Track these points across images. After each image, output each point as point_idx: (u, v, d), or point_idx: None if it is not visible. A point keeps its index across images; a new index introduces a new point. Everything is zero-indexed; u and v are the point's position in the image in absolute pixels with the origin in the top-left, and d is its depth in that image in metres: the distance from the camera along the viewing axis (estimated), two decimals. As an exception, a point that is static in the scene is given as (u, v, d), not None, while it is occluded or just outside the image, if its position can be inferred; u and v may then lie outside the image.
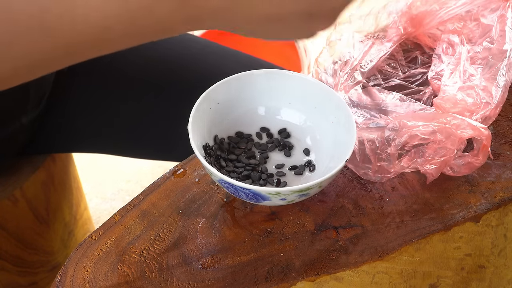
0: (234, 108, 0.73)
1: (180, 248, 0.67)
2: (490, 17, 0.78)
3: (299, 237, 0.67)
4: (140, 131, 0.99)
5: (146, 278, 0.65)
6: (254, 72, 0.72)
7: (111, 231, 0.68)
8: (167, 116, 0.97)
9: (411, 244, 0.66)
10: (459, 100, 0.71)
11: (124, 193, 1.65)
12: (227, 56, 1.01)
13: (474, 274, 0.73)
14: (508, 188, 0.69)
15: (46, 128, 0.99)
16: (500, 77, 0.72)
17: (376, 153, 0.68)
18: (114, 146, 1.03)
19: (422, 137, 0.67)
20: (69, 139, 1.02)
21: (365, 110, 0.73)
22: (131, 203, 0.71)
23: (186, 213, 0.69)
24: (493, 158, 0.72)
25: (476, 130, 0.67)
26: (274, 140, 0.73)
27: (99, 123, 0.99)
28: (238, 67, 0.94)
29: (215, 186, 0.71)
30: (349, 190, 0.70)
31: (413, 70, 0.80)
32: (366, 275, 0.66)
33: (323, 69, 0.77)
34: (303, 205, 0.69)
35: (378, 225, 0.67)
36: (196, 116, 0.68)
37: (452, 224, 0.67)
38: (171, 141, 0.98)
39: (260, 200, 0.65)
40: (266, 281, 0.64)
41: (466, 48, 0.76)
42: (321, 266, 0.65)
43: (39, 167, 1.02)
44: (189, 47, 1.00)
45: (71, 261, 0.66)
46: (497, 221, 0.69)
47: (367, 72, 0.76)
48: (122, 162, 1.67)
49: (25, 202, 1.01)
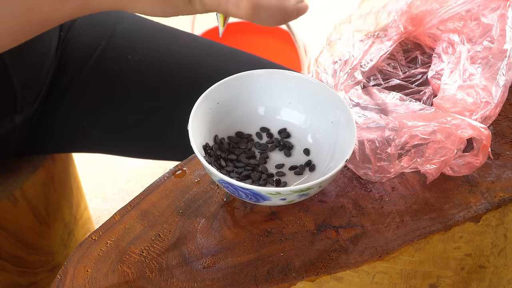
0: (234, 108, 0.73)
1: (180, 248, 0.67)
2: (491, 16, 0.78)
3: (299, 237, 0.67)
4: (140, 131, 0.99)
5: (146, 278, 0.65)
6: (254, 72, 0.72)
7: (111, 231, 0.68)
8: (167, 116, 0.97)
9: (411, 244, 0.66)
10: (459, 100, 0.71)
11: (124, 193, 1.65)
12: (228, 55, 1.00)
13: (474, 274, 0.73)
14: (508, 188, 0.69)
15: (45, 128, 0.99)
16: (500, 77, 0.72)
17: (376, 153, 0.68)
18: (114, 146, 1.03)
19: (422, 137, 0.67)
20: (69, 139, 1.02)
21: (365, 110, 0.73)
22: (131, 203, 0.71)
23: (186, 213, 0.69)
24: (493, 158, 0.72)
25: (476, 130, 0.67)
26: (274, 140, 0.73)
27: (99, 123, 0.99)
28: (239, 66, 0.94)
29: (215, 186, 0.71)
30: (349, 190, 0.70)
31: (413, 70, 0.80)
32: (366, 275, 0.66)
33: (323, 69, 0.77)
34: (303, 205, 0.69)
35: (378, 225, 0.67)
36: (196, 116, 0.68)
37: (452, 224, 0.67)
38: (171, 141, 0.98)
39: (260, 200, 0.65)
40: (266, 281, 0.64)
41: (466, 48, 0.76)
42: (321, 266, 0.65)
43: (39, 167, 1.02)
44: (190, 47, 1.00)
45: (71, 261, 0.66)
46: (497, 221, 0.69)
47: (367, 72, 0.76)
48: (122, 162, 1.67)
49: (25, 202, 1.01)
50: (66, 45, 0.98)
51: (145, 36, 1.00)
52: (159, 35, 1.01)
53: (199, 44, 1.01)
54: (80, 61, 0.98)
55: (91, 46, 0.98)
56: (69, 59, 0.98)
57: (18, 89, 0.89)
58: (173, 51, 0.98)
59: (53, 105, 0.98)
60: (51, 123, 0.99)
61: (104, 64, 0.97)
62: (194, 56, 0.98)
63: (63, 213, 1.12)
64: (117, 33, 0.99)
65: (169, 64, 0.98)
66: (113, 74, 0.97)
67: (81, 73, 0.98)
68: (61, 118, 0.99)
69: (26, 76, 0.90)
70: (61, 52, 0.98)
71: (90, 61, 0.98)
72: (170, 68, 0.97)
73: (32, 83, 0.93)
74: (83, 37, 0.99)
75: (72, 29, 0.99)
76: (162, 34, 1.01)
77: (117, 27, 0.99)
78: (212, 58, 0.99)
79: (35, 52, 0.91)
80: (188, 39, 1.02)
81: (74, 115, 0.99)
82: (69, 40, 0.98)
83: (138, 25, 1.01)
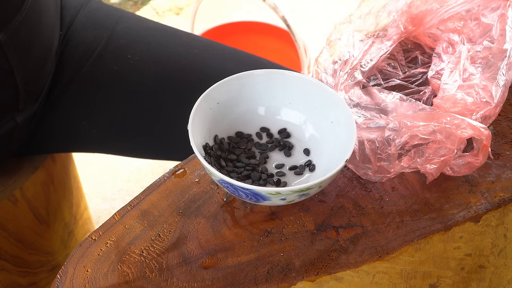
0: (234, 108, 0.73)
1: (180, 248, 0.67)
2: (491, 16, 0.78)
3: (299, 237, 0.67)
4: (139, 131, 0.99)
5: (146, 278, 0.65)
6: (254, 72, 0.72)
7: (111, 231, 0.68)
8: (167, 116, 0.97)
9: (411, 244, 0.66)
10: (459, 100, 0.71)
11: (124, 193, 1.65)
12: (228, 55, 1.01)
13: (474, 274, 0.73)
14: (508, 188, 0.69)
15: (45, 128, 0.99)
16: (500, 77, 0.72)
17: (376, 153, 0.68)
18: (113, 146, 1.03)
19: (422, 137, 0.67)
20: (68, 138, 1.02)
21: (365, 110, 0.73)
22: (131, 203, 0.71)
23: (186, 213, 0.69)
24: (493, 158, 0.72)
25: (476, 130, 0.67)
26: (274, 140, 0.73)
27: (99, 123, 0.99)
28: (238, 66, 0.94)
29: (215, 186, 0.71)
30: (349, 190, 0.70)
31: (413, 70, 0.80)
32: (366, 275, 0.66)
33: (323, 69, 0.77)
34: (303, 205, 0.69)
35: (378, 225, 0.67)
36: (196, 116, 0.68)
37: (452, 224, 0.67)
38: (171, 141, 0.98)
39: (260, 200, 0.65)
40: (266, 281, 0.64)
41: (466, 47, 0.76)
42: (321, 266, 0.65)
43: (39, 167, 1.02)
44: (190, 46, 1.00)
45: (71, 261, 0.66)
46: (497, 221, 0.69)
47: (367, 71, 0.76)
48: (122, 162, 1.67)
49: (25, 202, 1.01)
50: (66, 44, 0.98)
51: (145, 36, 1.00)
52: (159, 35, 1.01)
53: (199, 44, 1.01)
54: (79, 61, 0.98)
55: (91, 46, 0.98)
56: (69, 58, 0.98)
57: (21, 87, 0.89)
58: (172, 51, 0.98)
59: (53, 104, 0.98)
60: (51, 123, 0.99)
61: (104, 64, 0.97)
62: (194, 56, 0.98)
63: (63, 213, 1.12)
64: (116, 33, 0.99)
65: (168, 64, 0.98)
66: (112, 73, 0.97)
67: (81, 73, 0.98)
68: (61, 118, 0.99)
69: (29, 74, 0.90)
70: (61, 51, 0.98)
71: (89, 60, 0.98)
72: (169, 68, 0.97)
73: (35, 81, 0.93)
74: (82, 37, 0.99)
75: (71, 28, 0.99)
76: (162, 34, 1.01)
77: (117, 27, 0.99)
78: (211, 58, 0.99)
79: (38, 49, 0.91)
80: (187, 39, 1.02)
81: (73, 114, 0.99)
82: (68, 39, 0.98)
83: (137, 25, 1.01)
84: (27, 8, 0.85)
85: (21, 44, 0.86)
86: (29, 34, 0.87)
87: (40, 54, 0.92)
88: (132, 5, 2.17)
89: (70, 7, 1.00)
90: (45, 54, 0.93)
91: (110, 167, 1.69)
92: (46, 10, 0.91)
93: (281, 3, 1.50)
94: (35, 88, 0.94)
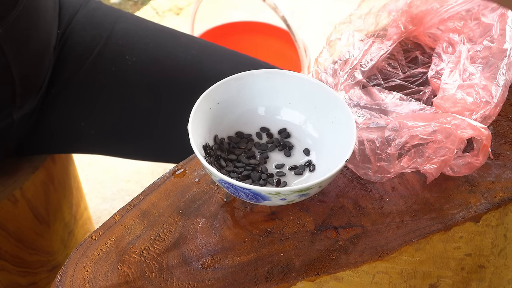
0: (234, 108, 0.73)
1: (180, 248, 0.67)
2: (491, 16, 0.78)
3: (299, 237, 0.67)
4: (138, 132, 0.99)
5: (146, 278, 0.65)
6: (254, 72, 0.72)
7: (111, 231, 0.68)
8: (167, 117, 0.97)
9: (411, 244, 0.66)
10: (459, 99, 0.71)
11: (124, 193, 1.65)
12: (226, 57, 1.01)
13: (474, 274, 0.73)
14: (508, 188, 0.69)
15: (44, 128, 0.99)
16: (500, 76, 0.72)
17: (376, 153, 0.68)
18: (112, 147, 1.03)
19: (422, 137, 0.67)
20: (67, 140, 1.02)
21: (365, 110, 0.73)
22: (131, 203, 0.71)
23: (186, 213, 0.69)
24: (493, 158, 0.72)
25: (476, 130, 0.67)
26: (274, 140, 0.73)
27: (98, 124, 0.99)
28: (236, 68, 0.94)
29: (215, 186, 0.71)
30: (349, 190, 0.70)
31: (413, 70, 0.80)
32: (366, 275, 0.66)
33: (323, 69, 0.77)
34: (303, 205, 0.69)
35: (378, 225, 0.67)
36: (196, 116, 0.68)
37: (452, 224, 0.67)
38: (170, 142, 0.98)
39: (260, 200, 0.65)
40: (266, 281, 0.64)
41: (466, 47, 0.76)
42: (321, 266, 0.65)
43: (39, 167, 1.02)
44: (188, 48, 1.00)
45: (71, 261, 0.66)
46: (497, 221, 0.69)
47: (367, 71, 0.76)
48: (122, 162, 1.67)
49: (25, 202, 1.01)
50: (64, 43, 0.98)
51: (143, 37, 1.00)
52: (157, 35, 1.01)
53: (197, 45, 1.01)
54: (78, 61, 0.98)
55: (89, 46, 0.98)
56: (67, 58, 0.98)
57: (18, 82, 0.89)
58: (170, 52, 0.98)
59: (51, 103, 0.98)
60: (50, 123, 0.99)
61: (102, 64, 0.97)
62: (192, 57, 0.98)
63: (63, 213, 1.12)
64: (115, 34, 0.99)
65: (166, 64, 0.97)
66: (111, 74, 0.97)
67: (79, 73, 0.97)
68: (59, 118, 0.99)
69: (26, 69, 0.90)
70: (59, 50, 0.98)
71: (88, 61, 0.98)
72: (167, 69, 0.97)
73: (32, 76, 0.93)
74: (81, 37, 0.99)
75: (70, 28, 0.98)
76: (160, 35, 1.01)
77: (115, 28, 0.99)
78: (209, 59, 0.99)
79: (36, 44, 0.91)
80: (186, 40, 1.02)
81: (72, 114, 0.99)
82: (67, 39, 0.98)
83: (136, 26, 1.01)
84: (24, 2, 0.85)
85: (18, 39, 0.86)
86: (26, 28, 0.87)
87: (37, 49, 0.92)
88: (132, 5, 2.17)
89: (69, 6, 1.00)
90: (43, 49, 0.93)
91: (110, 167, 1.69)
92: (44, 6, 0.91)
93: (281, 3, 1.50)
94: (33, 84, 0.94)
